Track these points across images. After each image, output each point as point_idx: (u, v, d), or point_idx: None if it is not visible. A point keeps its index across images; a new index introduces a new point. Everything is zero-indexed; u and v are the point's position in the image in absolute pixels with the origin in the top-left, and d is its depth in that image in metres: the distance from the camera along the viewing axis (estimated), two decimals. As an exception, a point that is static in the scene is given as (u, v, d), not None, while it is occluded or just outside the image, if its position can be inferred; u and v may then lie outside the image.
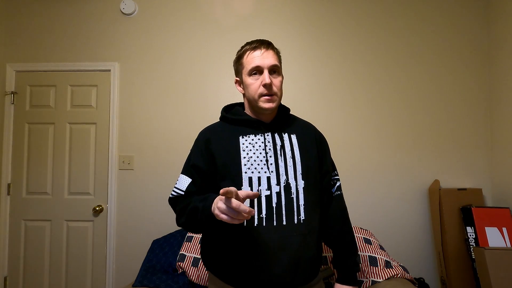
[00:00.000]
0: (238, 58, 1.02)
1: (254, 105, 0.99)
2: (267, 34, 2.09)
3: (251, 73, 0.96)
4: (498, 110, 1.94)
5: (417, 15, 2.06)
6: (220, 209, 0.71)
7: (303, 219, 0.92)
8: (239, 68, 1.01)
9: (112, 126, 2.09)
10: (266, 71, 0.94)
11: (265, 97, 0.95)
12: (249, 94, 0.98)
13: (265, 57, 0.95)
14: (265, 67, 0.95)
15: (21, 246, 2.07)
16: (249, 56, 0.97)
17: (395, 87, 2.05)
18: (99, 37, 2.14)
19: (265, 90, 0.94)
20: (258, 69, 0.95)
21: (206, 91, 2.10)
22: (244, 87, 1.00)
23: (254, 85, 0.95)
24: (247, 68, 0.97)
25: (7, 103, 2.12)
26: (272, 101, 0.95)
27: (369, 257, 1.53)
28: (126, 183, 2.08)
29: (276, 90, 0.96)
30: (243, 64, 0.99)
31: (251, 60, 0.96)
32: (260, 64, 0.94)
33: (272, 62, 0.95)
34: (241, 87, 1.03)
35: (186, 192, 0.96)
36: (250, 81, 0.96)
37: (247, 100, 1.02)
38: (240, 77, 1.02)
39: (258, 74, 0.96)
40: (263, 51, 0.95)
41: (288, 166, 0.95)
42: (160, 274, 1.57)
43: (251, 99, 0.98)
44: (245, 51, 0.98)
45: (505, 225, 1.71)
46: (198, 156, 0.99)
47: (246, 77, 0.98)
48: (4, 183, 2.09)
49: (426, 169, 2.01)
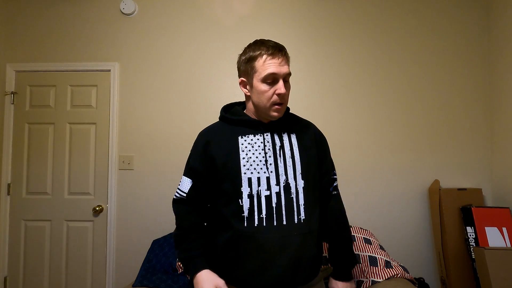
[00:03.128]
0: (249, 60, 0.95)
1: (262, 111, 0.97)
2: (267, 34, 2.09)
3: (265, 80, 0.92)
4: (498, 110, 1.94)
5: (416, 16, 2.06)
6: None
7: (303, 219, 0.93)
8: (250, 71, 0.95)
9: (112, 126, 2.09)
10: (281, 80, 0.92)
11: (277, 106, 0.94)
12: (260, 101, 0.95)
13: (282, 65, 0.92)
14: (281, 76, 0.92)
15: (21, 246, 2.07)
16: (266, 62, 0.91)
17: (395, 87, 2.05)
18: (99, 37, 2.14)
19: (278, 99, 0.93)
20: (274, 77, 0.92)
21: (206, 91, 2.10)
22: (253, 91, 0.96)
23: (268, 93, 0.92)
24: (262, 74, 0.92)
25: (7, 103, 2.12)
26: (282, 110, 0.96)
27: (369, 257, 1.53)
28: (126, 183, 2.08)
29: (287, 98, 0.97)
30: (256, 68, 0.93)
31: (268, 67, 0.91)
32: (277, 72, 0.91)
33: (287, 71, 0.93)
34: (246, 88, 1.00)
35: (187, 195, 1.00)
36: (264, 88, 0.92)
37: (254, 104, 0.99)
38: (249, 80, 0.97)
39: (272, 81, 0.92)
40: (280, 59, 0.92)
41: (288, 166, 0.95)
42: (160, 274, 1.57)
43: (261, 105, 0.95)
44: (261, 55, 0.92)
45: (505, 225, 1.71)
46: (196, 159, 1.00)
47: (258, 83, 0.93)
48: (4, 183, 2.09)
49: (426, 169, 2.01)
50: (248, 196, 0.92)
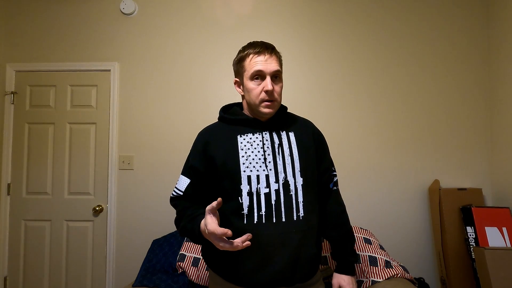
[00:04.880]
0: (239, 60, 1.00)
1: (254, 109, 0.99)
2: (267, 34, 2.09)
3: (253, 77, 0.95)
4: (498, 110, 1.94)
5: (417, 15, 2.06)
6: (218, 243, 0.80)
7: (302, 216, 0.93)
8: (240, 71, 1.00)
9: (112, 126, 2.09)
10: (269, 77, 0.94)
11: (266, 102, 0.95)
12: (250, 98, 0.98)
13: (268, 62, 0.94)
14: (268, 73, 0.94)
15: (21, 246, 2.07)
16: (252, 60, 0.95)
17: (395, 87, 2.05)
18: (99, 37, 2.14)
19: (266, 96, 0.95)
20: (261, 74, 0.94)
21: (206, 91, 2.10)
22: (244, 90, 1.00)
23: (256, 90, 0.95)
24: (249, 72, 0.95)
25: (7, 103, 2.12)
26: (272, 107, 0.96)
27: (369, 257, 1.53)
28: (126, 183, 2.08)
29: (276, 96, 0.97)
30: (245, 67, 0.97)
31: (254, 64, 0.94)
32: (263, 69, 0.94)
33: (274, 68, 0.95)
34: (240, 88, 1.03)
35: (184, 193, 1.01)
36: (252, 85, 0.96)
37: (247, 102, 1.02)
38: (241, 79, 1.01)
39: (260, 79, 0.95)
40: (266, 57, 0.94)
41: (287, 164, 0.96)
42: (160, 274, 1.57)
43: (252, 103, 0.98)
44: (248, 54, 0.96)
45: (505, 225, 1.71)
46: (196, 158, 1.01)
47: (247, 81, 0.97)
48: (4, 183, 2.09)
49: (426, 169, 2.01)
50: (247, 193, 0.92)
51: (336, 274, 1.07)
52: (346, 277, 1.04)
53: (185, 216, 0.96)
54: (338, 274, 1.06)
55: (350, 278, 1.04)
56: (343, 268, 1.05)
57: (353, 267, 1.06)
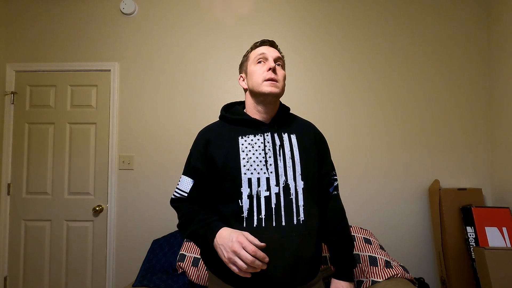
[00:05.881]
0: (244, 57, 1.07)
1: (256, 93, 0.98)
2: (267, 34, 2.09)
3: (256, 61, 1.00)
4: (498, 110, 1.94)
5: (416, 16, 2.06)
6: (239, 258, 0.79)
7: (303, 220, 0.92)
8: (245, 63, 1.05)
9: (112, 126, 2.09)
10: (271, 58, 0.99)
11: (269, 81, 0.96)
12: (252, 82, 0.99)
13: (271, 50, 1.01)
14: (271, 56, 0.99)
15: (21, 246, 2.07)
16: (256, 50, 1.02)
17: (395, 87, 2.05)
18: (99, 37, 2.14)
19: (269, 75, 0.96)
20: (264, 57, 0.99)
21: (206, 90, 2.10)
22: (248, 77, 1.02)
23: (259, 70, 0.98)
24: (253, 57, 1.01)
25: (7, 103, 2.12)
26: (275, 86, 0.97)
27: (369, 257, 1.53)
28: (126, 183, 2.08)
29: (280, 78, 0.99)
30: (249, 57, 1.03)
31: (257, 51, 1.01)
32: (266, 52, 1.00)
33: (277, 54, 1.01)
34: (244, 81, 1.05)
35: (189, 195, 0.99)
36: (255, 68, 0.99)
37: (250, 92, 1.02)
38: (245, 71, 1.04)
39: (263, 62, 0.99)
40: (269, 47, 1.02)
41: (287, 167, 0.95)
42: (160, 274, 1.57)
43: (255, 86, 0.98)
44: (251, 48, 1.05)
45: (505, 225, 1.71)
46: (197, 158, 0.99)
47: (251, 67, 1.01)
48: (4, 183, 2.09)
49: (426, 169, 2.01)
50: (247, 196, 0.91)
51: (334, 280, 1.05)
52: (344, 284, 1.02)
53: (196, 220, 0.93)
54: (337, 280, 1.04)
55: (349, 285, 1.02)
56: (341, 274, 1.03)
57: (351, 273, 1.04)
